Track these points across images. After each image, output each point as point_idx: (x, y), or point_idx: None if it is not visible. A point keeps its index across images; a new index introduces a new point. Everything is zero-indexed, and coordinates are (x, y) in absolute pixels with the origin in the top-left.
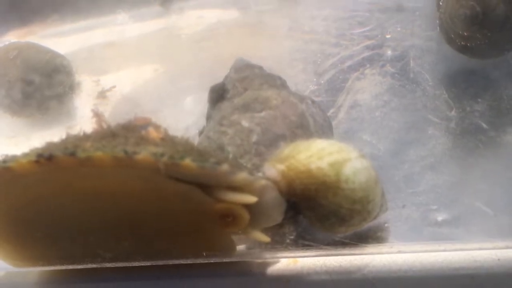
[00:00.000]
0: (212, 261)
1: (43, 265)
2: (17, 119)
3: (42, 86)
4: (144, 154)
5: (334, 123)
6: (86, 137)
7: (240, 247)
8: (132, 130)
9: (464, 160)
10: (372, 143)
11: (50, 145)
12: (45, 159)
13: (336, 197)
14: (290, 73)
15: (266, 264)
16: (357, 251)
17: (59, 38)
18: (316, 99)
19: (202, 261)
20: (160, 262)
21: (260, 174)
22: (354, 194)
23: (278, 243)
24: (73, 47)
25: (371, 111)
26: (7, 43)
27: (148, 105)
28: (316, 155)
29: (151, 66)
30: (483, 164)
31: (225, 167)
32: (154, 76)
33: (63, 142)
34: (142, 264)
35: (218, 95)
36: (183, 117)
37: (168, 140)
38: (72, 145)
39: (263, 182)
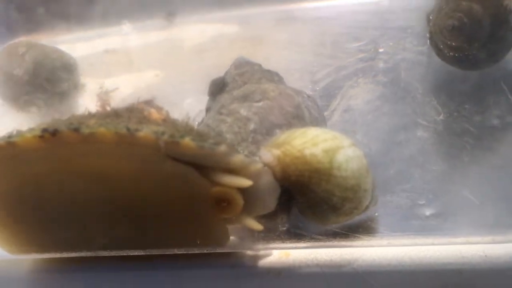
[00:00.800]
0: (205, 252)
1: (38, 251)
2: (22, 114)
3: (48, 82)
4: (145, 131)
5: (328, 123)
6: (90, 116)
7: (233, 238)
8: (135, 111)
9: (452, 159)
10: (363, 142)
11: (55, 121)
12: (49, 134)
13: (329, 184)
14: (286, 80)
15: (258, 256)
16: (347, 243)
17: (66, 46)
18: (311, 104)
19: (195, 251)
20: (155, 252)
21: (256, 159)
22: (346, 181)
23: (271, 231)
24: (79, 54)
25: (363, 114)
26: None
27: None
28: (310, 141)
29: (153, 72)
30: (471, 163)
31: (223, 147)
32: (155, 80)
33: (68, 119)
34: (136, 254)
35: (218, 87)
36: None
37: (169, 121)
38: (77, 122)
39: (259, 165)
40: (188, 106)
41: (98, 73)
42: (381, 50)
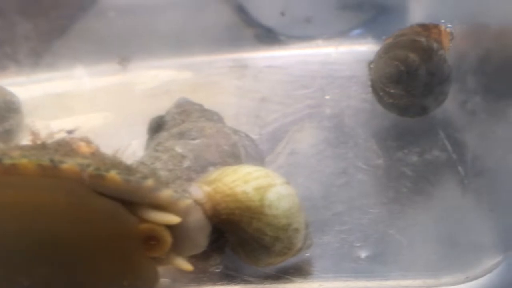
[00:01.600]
0: None
1: None
2: None
3: None
4: (70, 163)
5: (272, 167)
6: (17, 147)
7: (164, 280)
8: (63, 145)
9: (390, 202)
10: (305, 185)
11: None
12: None
13: (260, 223)
14: (233, 124)
15: None
16: (279, 285)
17: (15, 88)
18: None
19: None
20: None
21: (186, 195)
22: (277, 220)
23: (202, 272)
24: (28, 96)
25: (307, 158)
26: None
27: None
28: (242, 178)
29: (101, 114)
30: (407, 205)
31: (150, 182)
32: (103, 122)
33: None
34: None
35: (157, 126)
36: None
37: (98, 155)
38: (0, 152)
39: (188, 202)
40: (134, 146)
41: (46, 115)
42: (327, 97)
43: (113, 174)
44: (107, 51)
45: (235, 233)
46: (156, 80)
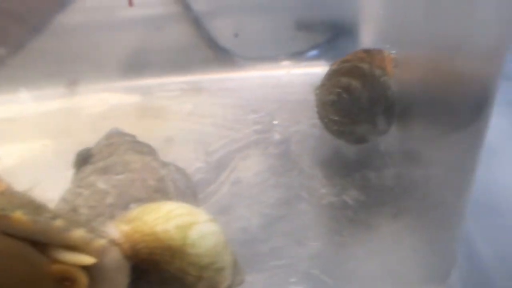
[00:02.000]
0: None
1: None
2: None
3: None
4: None
5: (214, 198)
6: None
7: None
8: None
9: (330, 234)
10: (245, 216)
11: None
12: None
13: (183, 262)
14: (180, 151)
15: None
16: None
17: None
18: (201, 176)
19: None
20: None
21: (102, 235)
22: (201, 259)
23: None
24: None
25: (250, 187)
26: None
27: (29, 177)
28: (163, 217)
29: (42, 142)
30: (347, 237)
31: (59, 222)
32: (43, 150)
33: None
34: None
35: (83, 159)
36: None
37: (7, 193)
38: None
39: (102, 242)
40: (69, 177)
41: None
42: (275, 122)
43: (19, 214)
44: (56, 74)
45: (157, 273)
46: (104, 104)
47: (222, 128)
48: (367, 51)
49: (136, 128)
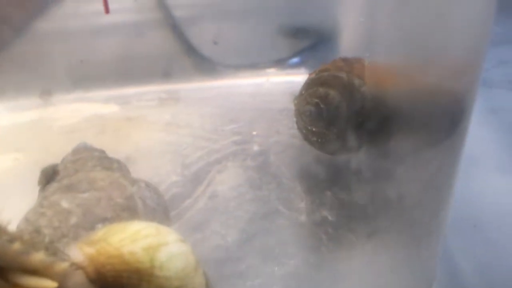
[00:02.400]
0: None
1: None
2: None
3: None
4: None
5: (189, 213)
6: None
7: None
8: None
9: (309, 251)
10: (221, 233)
11: None
12: None
13: (151, 286)
14: (156, 163)
15: None
16: None
17: None
18: (177, 189)
19: None
20: None
21: (65, 258)
22: (170, 282)
23: None
24: None
25: (226, 201)
26: None
27: None
28: (130, 238)
29: (12, 156)
30: (325, 255)
31: (17, 245)
32: (13, 165)
33: None
34: None
35: (49, 176)
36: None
37: None
38: None
39: (64, 265)
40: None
41: None
42: (254, 132)
43: None
44: (29, 83)
45: None
46: (78, 115)
47: (200, 138)
48: (346, 60)
49: (111, 141)
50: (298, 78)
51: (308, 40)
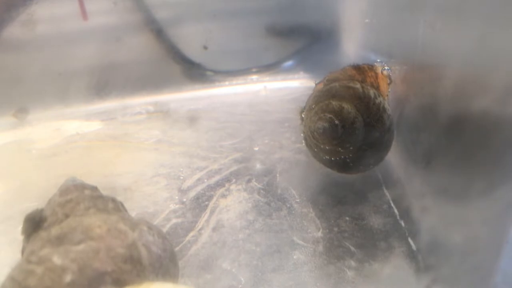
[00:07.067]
0: None
1: None
2: None
3: None
4: None
5: (194, 248)
6: None
7: None
8: None
9: None
10: (232, 272)
11: None
12: None
13: None
14: (150, 191)
15: None
16: None
17: None
18: (177, 220)
19: None
20: None
21: None
22: None
23: None
24: None
25: (234, 233)
26: None
27: None
28: None
29: None
30: None
31: None
32: None
33: None
34: None
35: (34, 224)
36: (12, 250)
37: None
38: None
39: None
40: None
41: None
42: (256, 148)
43: None
44: (2, 99)
45: None
46: (58, 135)
47: (197, 158)
48: (358, 67)
49: (97, 167)
50: (296, 83)
51: (304, 40)
